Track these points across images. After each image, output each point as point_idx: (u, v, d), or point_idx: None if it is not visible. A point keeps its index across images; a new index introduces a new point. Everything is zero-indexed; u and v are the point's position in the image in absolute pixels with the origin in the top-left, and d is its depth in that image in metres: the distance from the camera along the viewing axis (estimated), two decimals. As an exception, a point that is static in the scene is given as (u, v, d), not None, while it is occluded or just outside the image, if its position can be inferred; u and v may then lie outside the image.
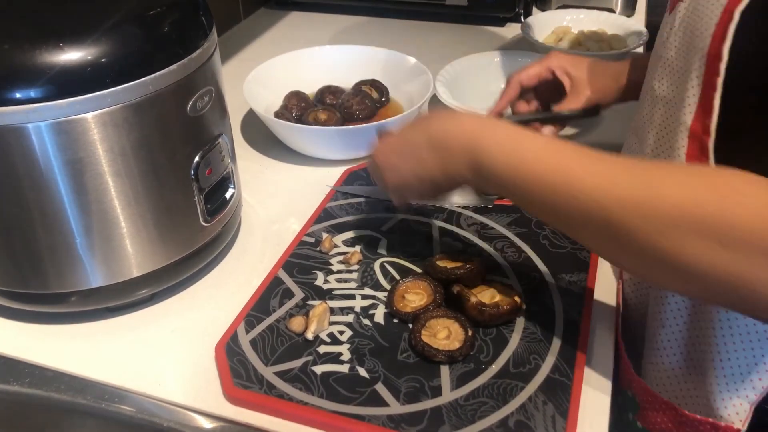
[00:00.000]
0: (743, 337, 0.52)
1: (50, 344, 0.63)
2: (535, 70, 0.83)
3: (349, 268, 0.70)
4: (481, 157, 0.53)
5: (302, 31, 1.32)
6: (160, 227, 0.62)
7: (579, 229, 0.51)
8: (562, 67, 0.82)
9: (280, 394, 0.56)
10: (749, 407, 0.53)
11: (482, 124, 0.56)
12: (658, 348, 0.59)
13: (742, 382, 0.52)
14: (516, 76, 0.83)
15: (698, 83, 0.52)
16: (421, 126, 0.60)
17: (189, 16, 0.61)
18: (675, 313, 0.57)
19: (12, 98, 0.51)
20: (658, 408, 0.58)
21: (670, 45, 0.58)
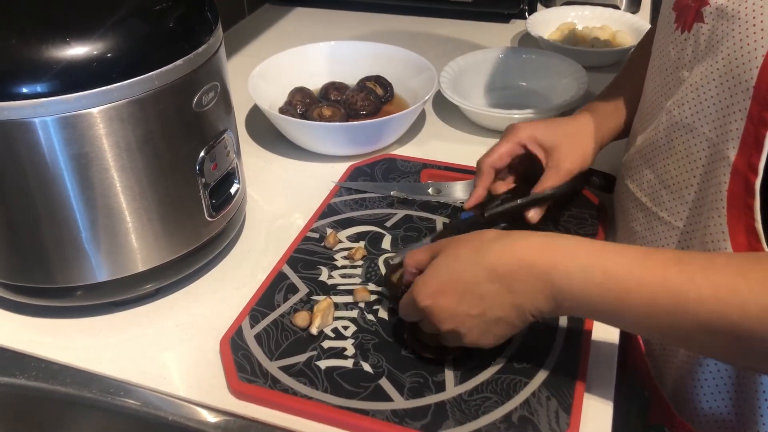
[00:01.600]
0: None
1: (56, 338, 0.64)
2: (505, 149, 0.73)
3: (354, 263, 0.70)
4: (559, 283, 0.48)
5: (306, 27, 1.32)
6: (165, 222, 0.62)
7: (693, 343, 0.48)
8: (532, 138, 0.72)
9: (284, 389, 0.56)
10: None
11: (548, 242, 0.50)
12: (694, 387, 0.57)
13: None
14: (486, 160, 0.73)
15: (742, 117, 0.50)
16: (471, 256, 0.52)
17: (194, 11, 0.61)
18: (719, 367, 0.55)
19: (18, 93, 0.51)
20: None
21: (696, 71, 0.55)
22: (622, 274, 0.46)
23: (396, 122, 0.87)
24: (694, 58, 0.56)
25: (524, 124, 0.74)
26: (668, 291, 0.44)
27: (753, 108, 0.49)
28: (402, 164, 0.85)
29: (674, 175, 0.60)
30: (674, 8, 0.60)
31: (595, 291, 0.47)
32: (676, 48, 0.59)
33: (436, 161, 0.86)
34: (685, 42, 0.57)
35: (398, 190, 0.80)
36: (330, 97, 0.97)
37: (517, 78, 1.04)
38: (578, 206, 0.77)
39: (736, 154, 0.51)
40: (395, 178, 0.83)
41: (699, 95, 0.55)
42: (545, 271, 0.48)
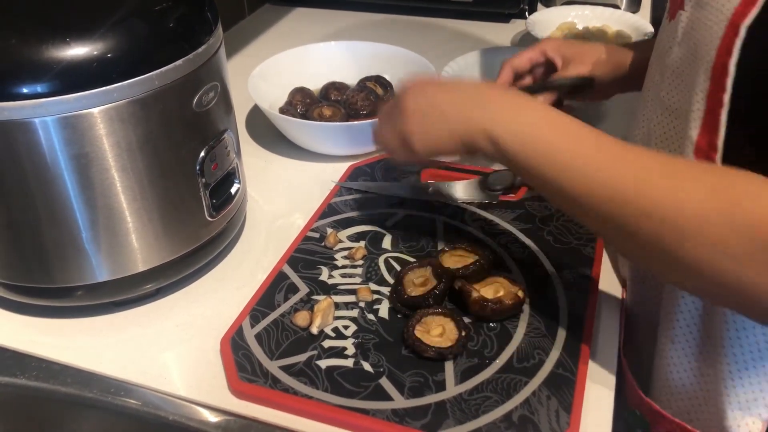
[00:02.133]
0: (755, 354, 0.52)
1: (56, 338, 0.64)
2: (527, 54, 0.84)
3: (354, 263, 0.70)
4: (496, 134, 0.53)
5: (307, 27, 1.32)
6: (165, 222, 0.62)
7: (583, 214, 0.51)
8: (555, 48, 0.83)
9: (285, 388, 0.56)
10: (762, 425, 0.52)
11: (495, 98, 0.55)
12: (668, 365, 0.58)
13: (755, 400, 0.52)
14: (508, 62, 0.84)
15: (703, 98, 0.51)
16: (420, 89, 0.59)
17: (194, 11, 0.61)
18: (684, 330, 0.56)
19: (19, 93, 0.52)
20: (669, 427, 0.57)
21: (675, 55, 0.57)
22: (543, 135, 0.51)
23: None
24: (674, 44, 0.58)
25: (552, 38, 0.85)
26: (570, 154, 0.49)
27: (711, 88, 0.50)
28: (403, 164, 0.85)
29: None
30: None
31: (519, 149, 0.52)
32: (664, 36, 0.61)
33: (436, 161, 0.86)
34: (670, 30, 0.59)
35: (398, 190, 0.80)
36: (330, 97, 0.97)
37: (517, 78, 1.04)
38: None
39: (698, 135, 0.52)
40: (395, 178, 0.83)
41: (679, 80, 0.57)
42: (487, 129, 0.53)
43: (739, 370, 0.52)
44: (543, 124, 0.52)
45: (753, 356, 0.51)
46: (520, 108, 0.53)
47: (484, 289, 0.63)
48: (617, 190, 0.47)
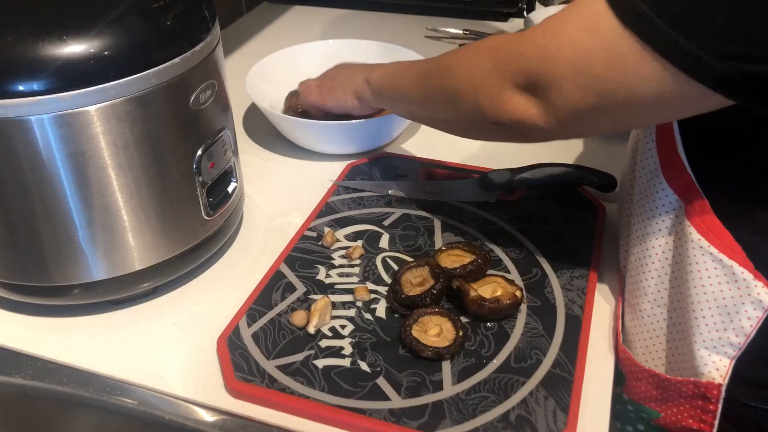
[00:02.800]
0: (716, 295, 0.54)
1: (52, 337, 0.63)
2: None
3: (351, 262, 0.70)
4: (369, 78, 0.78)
5: (305, 25, 1.32)
6: (162, 221, 0.62)
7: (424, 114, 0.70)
8: None
9: (281, 388, 0.56)
10: (729, 362, 0.54)
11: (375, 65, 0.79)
12: (639, 314, 0.60)
13: (720, 339, 0.54)
14: None
15: None
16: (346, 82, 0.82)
17: (192, 9, 0.60)
18: (656, 280, 0.59)
19: (15, 91, 0.51)
20: (641, 377, 0.59)
21: None
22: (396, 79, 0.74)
23: (394, 121, 0.87)
24: None
25: None
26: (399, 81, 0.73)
27: None
28: (400, 163, 0.85)
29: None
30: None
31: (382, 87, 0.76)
32: None
33: (434, 160, 0.86)
34: None
35: (396, 189, 0.80)
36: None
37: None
38: (577, 207, 0.76)
39: None
40: (393, 177, 0.83)
41: None
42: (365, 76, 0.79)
43: (702, 310, 0.54)
44: (394, 66, 0.75)
45: (715, 296, 0.54)
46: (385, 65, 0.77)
47: (481, 289, 0.63)
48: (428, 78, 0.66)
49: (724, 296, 0.53)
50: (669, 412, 0.58)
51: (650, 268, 0.59)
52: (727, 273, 0.53)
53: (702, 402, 0.55)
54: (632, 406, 0.61)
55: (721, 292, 0.53)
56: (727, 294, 0.53)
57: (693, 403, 0.56)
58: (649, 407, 0.59)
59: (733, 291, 0.53)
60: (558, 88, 0.50)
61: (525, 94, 0.53)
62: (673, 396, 0.57)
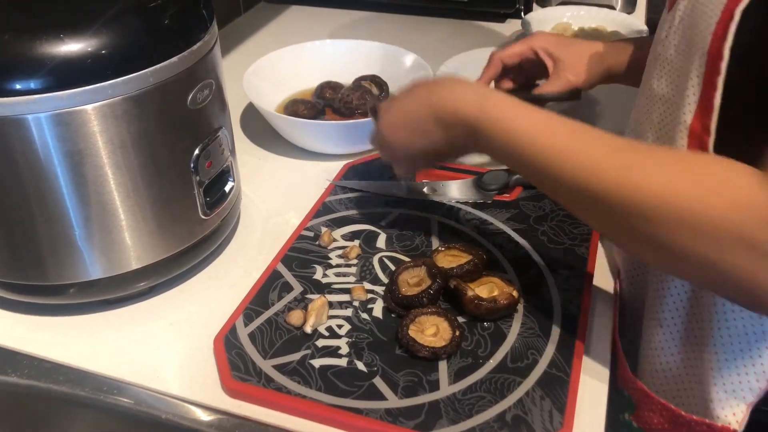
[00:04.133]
0: (741, 338, 0.52)
1: (49, 336, 0.63)
2: (517, 49, 0.82)
3: (348, 262, 0.70)
4: (480, 134, 0.55)
5: (302, 26, 1.32)
6: (159, 220, 0.62)
7: (571, 204, 0.53)
8: (544, 47, 0.81)
9: (278, 387, 0.56)
10: (746, 408, 0.53)
11: (482, 98, 0.55)
12: (655, 348, 0.59)
13: (740, 383, 0.52)
14: (498, 54, 0.83)
15: (698, 82, 0.51)
16: (423, 97, 0.59)
17: (190, 8, 0.60)
18: (673, 313, 0.57)
19: (12, 89, 0.51)
20: (654, 408, 0.58)
21: (669, 43, 0.58)
22: (524, 139, 0.52)
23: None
24: (669, 33, 0.58)
25: (543, 34, 0.83)
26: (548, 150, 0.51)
27: (706, 73, 0.50)
28: (397, 163, 0.85)
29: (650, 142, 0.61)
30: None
31: (503, 148, 0.54)
32: (662, 27, 0.61)
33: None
34: (668, 20, 0.59)
35: (393, 189, 0.80)
36: (325, 96, 0.97)
37: (512, 77, 1.04)
38: None
39: (692, 118, 0.52)
40: (390, 177, 0.83)
41: (672, 68, 0.57)
42: (472, 124, 0.55)
43: (725, 353, 0.53)
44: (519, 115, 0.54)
45: (739, 340, 0.52)
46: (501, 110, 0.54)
47: (478, 289, 0.63)
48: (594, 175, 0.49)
49: (749, 339, 0.52)
50: None
51: (668, 300, 0.57)
52: (753, 315, 0.51)
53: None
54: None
55: (746, 336, 0.52)
56: (751, 337, 0.52)
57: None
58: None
59: (758, 333, 0.51)
60: None
61: None
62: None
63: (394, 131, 0.62)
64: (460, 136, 0.57)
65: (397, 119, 0.62)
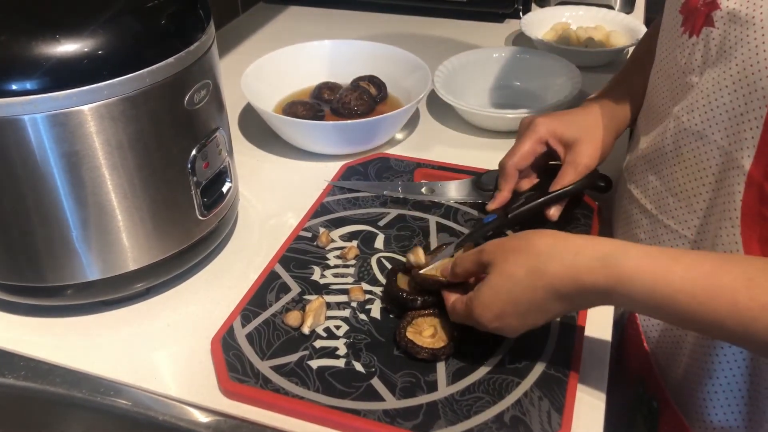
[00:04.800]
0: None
1: (46, 337, 0.63)
2: (528, 148, 0.73)
3: (346, 262, 0.70)
4: (615, 296, 0.49)
5: (300, 26, 1.32)
6: (156, 221, 0.62)
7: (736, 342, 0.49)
8: (552, 134, 0.72)
9: (275, 389, 0.56)
10: None
11: (602, 262, 0.49)
12: (704, 399, 0.56)
13: None
14: (510, 162, 0.73)
15: (758, 125, 0.49)
16: (534, 279, 0.51)
17: (186, 9, 0.60)
18: (729, 364, 0.54)
19: (8, 90, 0.51)
20: None
21: (707, 76, 0.55)
22: (671, 292, 0.46)
23: (389, 121, 0.87)
24: (704, 63, 0.55)
25: (542, 118, 0.73)
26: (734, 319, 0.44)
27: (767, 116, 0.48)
28: (395, 163, 0.85)
29: (682, 182, 0.59)
30: (681, 11, 0.59)
31: (650, 303, 0.47)
32: (683, 52, 0.58)
33: (429, 161, 0.86)
34: (694, 47, 0.57)
35: (391, 190, 0.80)
36: (323, 97, 0.97)
37: (511, 78, 1.04)
38: (572, 206, 0.76)
39: (751, 163, 0.50)
40: (389, 177, 0.83)
41: (710, 102, 0.54)
42: (607, 293, 0.49)
43: None
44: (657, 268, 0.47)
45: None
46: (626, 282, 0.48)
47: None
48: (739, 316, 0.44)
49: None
50: None
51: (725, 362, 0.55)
52: None
53: None
54: None
55: None
56: None
57: None
58: None
59: None
60: None
61: None
62: None
63: (501, 318, 0.54)
64: (591, 300, 0.51)
65: (504, 308, 0.53)
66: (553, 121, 0.73)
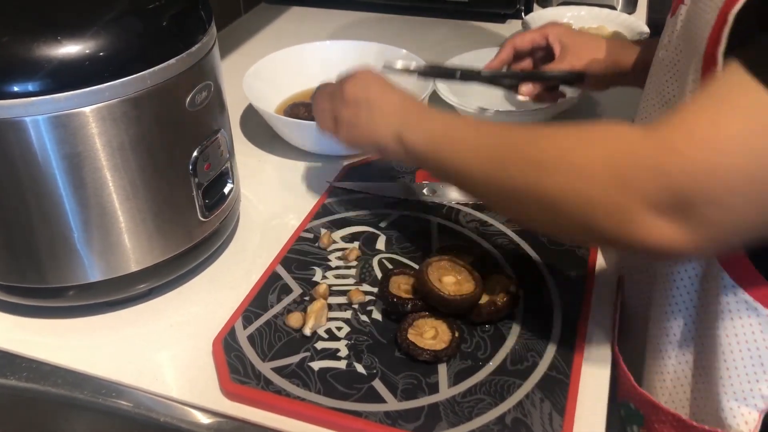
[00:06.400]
0: (750, 344, 0.52)
1: (48, 338, 0.63)
2: (530, 36, 0.86)
3: (348, 264, 0.70)
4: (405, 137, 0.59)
5: (302, 27, 1.32)
6: (158, 222, 0.62)
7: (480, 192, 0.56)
8: (556, 34, 0.85)
9: (277, 390, 0.56)
10: (758, 416, 0.52)
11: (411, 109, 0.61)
12: (662, 357, 0.58)
13: (750, 391, 0.52)
14: (511, 39, 0.87)
15: (694, 88, 0.51)
16: (364, 84, 0.65)
17: (188, 10, 0.60)
18: (679, 321, 0.57)
19: (10, 92, 0.51)
20: (665, 420, 0.57)
21: (672, 48, 0.58)
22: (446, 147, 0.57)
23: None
24: (672, 37, 0.58)
25: (557, 24, 0.88)
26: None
27: (702, 78, 0.50)
28: (397, 164, 0.85)
29: None
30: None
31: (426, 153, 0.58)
32: (665, 33, 0.61)
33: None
34: (671, 25, 0.59)
35: (392, 191, 0.80)
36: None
37: (513, 78, 1.04)
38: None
39: None
40: (390, 178, 0.82)
41: (672, 70, 0.57)
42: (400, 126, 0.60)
43: (734, 359, 0.52)
44: (441, 125, 0.58)
45: (748, 347, 0.52)
46: (425, 116, 0.60)
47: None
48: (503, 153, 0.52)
49: (758, 346, 0.51)
50: None
51: (674, 308, 0.57)
52: (762, 323, 0.51)
53: None
54: None
55: (755, 342, 0.51)
56: (761, 344, 0.51)
57: None
58: None
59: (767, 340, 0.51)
60: (723, 206, 0.42)
61: (668, 218, 0.43)
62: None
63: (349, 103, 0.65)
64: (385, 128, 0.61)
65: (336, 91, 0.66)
66: (562, 28, 0.86)
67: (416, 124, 0.59)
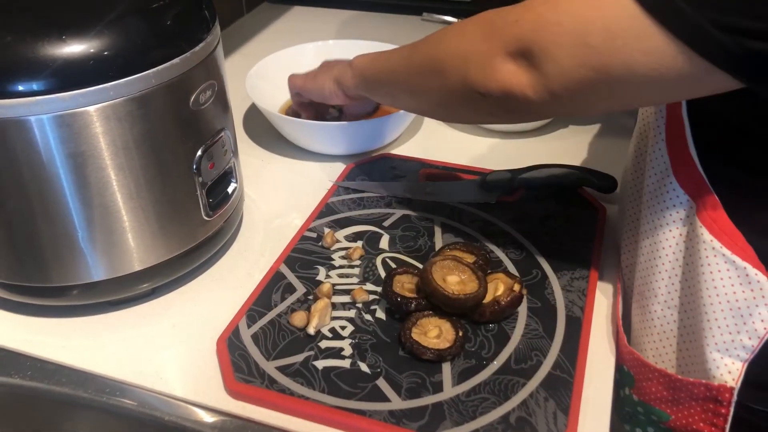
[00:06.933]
0: (729, 297, 0.53)
1: (51, 337, 0.63)
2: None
3: (351, 263, 0.70)
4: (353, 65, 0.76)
5: (305, 26, 1.32)
6: (161, 221, 0.62)
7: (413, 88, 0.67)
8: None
9: (281, 389, 0.56)
10: (741, 365, 0.53)
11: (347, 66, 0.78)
12: (652, 318, 0.60)
13: (732, 342, 0.53)
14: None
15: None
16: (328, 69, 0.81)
17: (192, 9, 0.60)
18: (667, 282, 0.58)
19: (14, 91, 0.51)
20: (652, 377, 0.59)
21: None
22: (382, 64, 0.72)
23: (394, 121, 0.87)
24: None
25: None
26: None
27: None
28: (400, 164, 0.85)
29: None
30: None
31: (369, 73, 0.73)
32: None
33: (434, 161, 0.86)
34: None
35: (396, 190, 0.80)
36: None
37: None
38: (578, 207, 0.76)
39: None
40: (394, 177, 0.82)
41: None
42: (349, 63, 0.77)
43: (715, 312, 0.54)
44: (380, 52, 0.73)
45: (728, 298, 0.53)
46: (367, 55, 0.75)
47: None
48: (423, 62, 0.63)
49: (737, 298, 0.53)
50: (680, 415, 0.57)
51: (660, 269, 0.59)
52: (740, 275, 0.52)
53: (714, 405, 0.55)
54: (642, 407, 0.61)
55: (734, 294, 0.53)
56: (740, 296, 0.52)
57: (704, 405, 0.55)
58: (660, 409, 0.59)
59: (746, 293, 0.52)
60: (552, 57, 0.49)
61: (516, 62, 0.51)
62: (684, 398, 0.56)
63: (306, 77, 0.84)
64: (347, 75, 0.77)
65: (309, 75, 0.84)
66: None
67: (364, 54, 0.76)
